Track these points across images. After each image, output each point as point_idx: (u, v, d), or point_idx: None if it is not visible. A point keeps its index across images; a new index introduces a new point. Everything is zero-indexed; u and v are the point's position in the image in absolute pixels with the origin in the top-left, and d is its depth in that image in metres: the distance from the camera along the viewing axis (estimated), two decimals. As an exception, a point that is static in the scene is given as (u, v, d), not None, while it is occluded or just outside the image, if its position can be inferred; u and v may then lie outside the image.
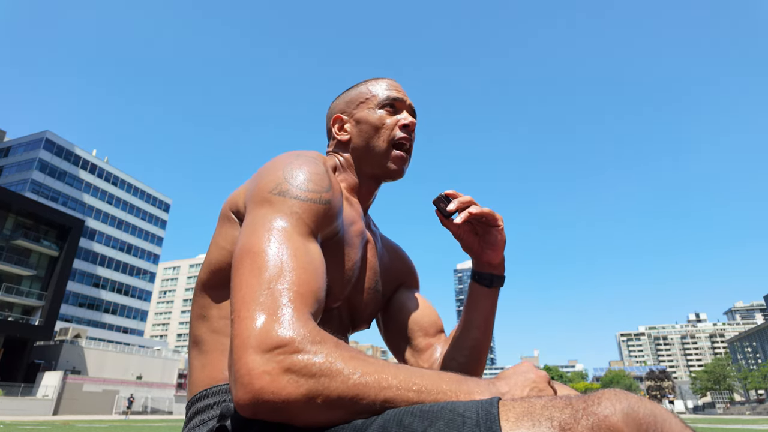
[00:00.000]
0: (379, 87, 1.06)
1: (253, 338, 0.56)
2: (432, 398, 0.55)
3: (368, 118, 1.03)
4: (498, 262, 0.98)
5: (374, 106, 1.04)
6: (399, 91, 1.07)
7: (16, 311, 36.81)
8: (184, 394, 38.08)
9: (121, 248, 60.86)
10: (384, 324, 1.12)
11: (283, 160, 0.82)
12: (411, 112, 1.08)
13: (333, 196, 0.81)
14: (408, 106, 1.07)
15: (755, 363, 79.66)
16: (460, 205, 0.91)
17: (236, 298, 0.62)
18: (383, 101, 1.04)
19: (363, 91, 1.06)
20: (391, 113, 1.04)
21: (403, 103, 1.06)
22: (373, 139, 1.02)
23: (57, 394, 31.05)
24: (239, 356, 0.55)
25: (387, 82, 1.08)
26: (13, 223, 36.44)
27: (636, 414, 0.44)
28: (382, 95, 1.05)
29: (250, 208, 0.76)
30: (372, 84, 1.07)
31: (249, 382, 0.53)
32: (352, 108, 1.06)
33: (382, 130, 1.02)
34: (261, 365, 0.54)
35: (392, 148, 1.02)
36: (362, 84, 1.09)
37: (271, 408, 0.53)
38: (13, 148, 53.72)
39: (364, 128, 1.03)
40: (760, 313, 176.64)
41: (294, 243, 0.68)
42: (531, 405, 0.49)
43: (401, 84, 1.12)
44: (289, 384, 0.53)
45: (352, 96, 1.08)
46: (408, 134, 1.03)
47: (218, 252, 0.84)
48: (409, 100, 1.08)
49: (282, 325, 0.57)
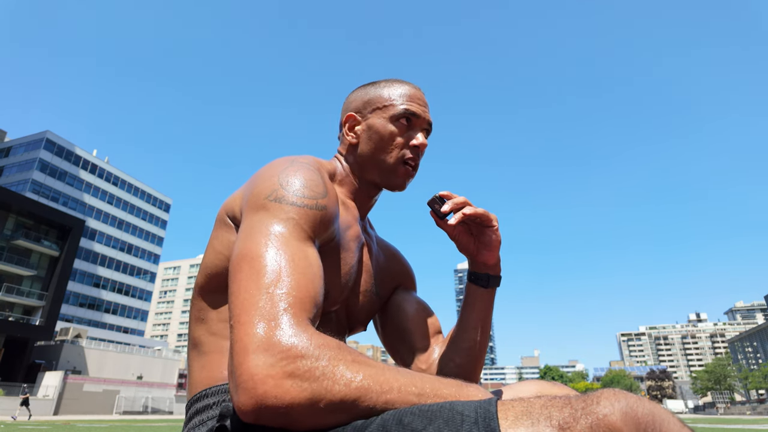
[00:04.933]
0: (399, 95, 1.01)
1: (255, 343, 0.56)
2: (432, 401, 0.56)
3: (380, 128, 0.99)
4: (494, 263, 0.99)
5: (389, 116, 0.99)
6: (420, 105, 1.02)
7: (16, 311, 36.85)
8: (185, 394, 37.89)
9: (122, 248, 60.91)
10: (381, 326, 1.12)
11: (278, 166, 0.82)
12: (427, 130, 1.04)
13: (329, 202, 0.81)
14: (425, 122, 1.02)
15: (756, 363, 79.70)
16: (454, 206, 0.91)
17: (235, 303, 0.62)
18: (399, 114, 0.99)
19: (383, 96, 1.02)
20: (405, 129, 1.00)
21: (420, 119, 1.01)
22: (380, 152, 0.99)
23: (57, 394, 31.06)
24: (241, 361, 0.55)
25: (410, 91, 1.02)
26: (14, 223, 36.47)
27: (635, 413, 0.44)
28: (399, 107, 1.00)
29: (247, 213, 0.76)
30: (394, 89, 1.02)
31: (252, 387, 0.53)
32: (367, 111, 1.02)
33: (391, 146, 0.99)
34: (264, 370, 0.53)
35: (398, 165, 1.00)
36: (385, 85, 1.03)
37: (274, 413, 0.53)
38: (14, 148, 53.76)
39: (374, 137, 1.00)
40: (761, 312, 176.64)
41: (291, 248, 0.69)
42: (530, 404, 0.49)
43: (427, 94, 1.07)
44: (293, 388, 0.53)
45: (371, 97, 1.03)
46: (416, 156, 1.01)
47: (215, 256, 0.85)
48: (429, 115, 1.04)
49: (284, 330, 0.57)
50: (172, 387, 41.77)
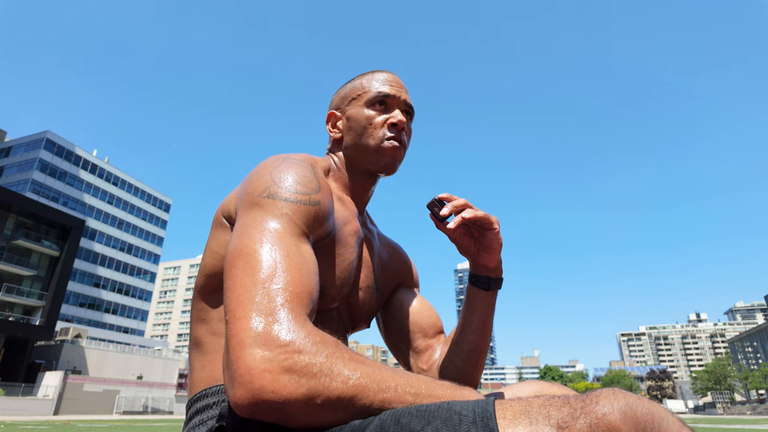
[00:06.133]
0: (373, 82, 1.03)
1: (252, 337, 0.55)
2: (428, 402, 0.56)
3: (357, 115, 1.01)
4: (495, 265, 0.97)
5: (365, 102, 1.01)
6: (393, 86, 1.03)
7: (16, 311, 36.81)
8: (185, 394, 37.96)
9: (122, 248, 60.86)
10: (384, 324, 1.12)
11: (270, 163, 0.83)
12: (405, 109, 1.04)
13: (322, 197, 0.82)
14: (401, 102, 1.03)
15: (756, 363, 79.70)
16: (453, 209, 0.90)
17: (230, 298, 0.62)
18: (374, 98, 1.01)
19: (357, 87, 1.04)
20: (382, 111, 1.01)
21: (395, 99, 1.02)
22: (362, 138, 1.00)
23: (57, 394, 31.03)
24: (237, 355, 0.55)
25: (383, 76, 1.04)
26: (14, 223, 36.42)
27: (634, 412, 0.44)
28: (373, 91, 1.01)
29: (241, 211, 0.76)
30: (367, 78, 1.04)
31: (249, 381, 0.53)
32: (345, 104, 1.05)
33: (370, 129, 1.00)
34: (261, 364, 0.53)
35: (382, 143, 1.00)
36: (358, 78, 1.06)
37: (270, 408, 0.53)
38: (14, 149, 53.72)
39: (354, 126, 1.01)
40: (761, 313, 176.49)
41: (286, 244, 0.69)
42: (528, 404, 0.49)
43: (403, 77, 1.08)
44: (290, 384, 0.52)
45: (347, 91, 1.06)
46: (397, 133, 1.00)
47: (212, 257, 0.85)
48: (405, 94, 1.04)
49: (281, 325, 0.57)
50: (172, 387, 41.74)
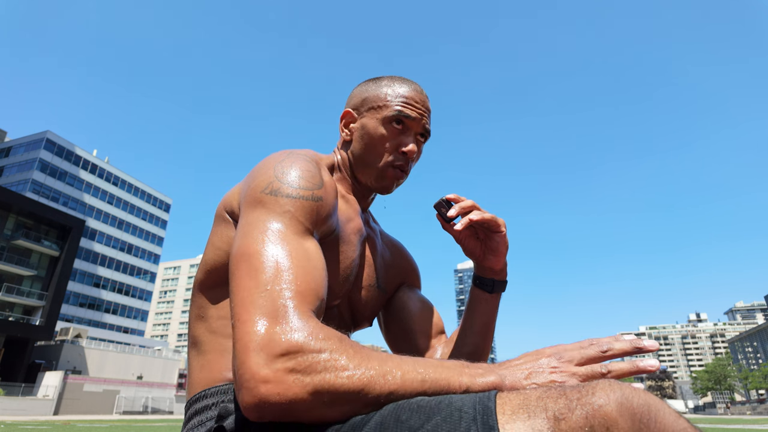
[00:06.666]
0: (396, 96, 0.97)
1: (255, 341, 0.56)
2: (436, 386, 0.56)
3: (371, 130, 0.97)
4: (500, 268, 0.97)
5: (382, 118, 0.96)
6: (415, 108, 0.97)
7: (16, 311, 36.81)
8: (185, 394, 37.71)
9: (122, 248, 60.84)
10: (385, 324, 1.12)
11: (274, 159, 0.82)
12: (422, 134, 1.01)
13: (325, 194, 0.80)
14: (420, 126, 0.99)
15: (756, 363, 79.76)
16: (461, 211, 0.90)
17: (235, 301, 0.62)
18: (392, 116, 0.96)
19: (380, 95, 0.98)
20: (397, 132, 0.97)
21: (415, 122, 0.97)
22: (369, 154, 0.98)
23: (57, 394, 31.02)
24: (242, 361, 0.55)
25: (408, 92, 0.98)
26: (14, 223, 36.41)
27: (630, 403, 0.44)
28: (394, 108, 0.96)
29: (244, 209, 0.75)
30: (393, 88, 0.98)
31: (254, 386, 0.53)
32: (363, 109, 1.00)
33: (380, 149, 0.97)
34: (264, 368, 0.54)
35: (387, 168, 0.98)
36: (385, 84, 1.00)
37: (278, 410, 0.53)
38: (14, 149, 53.70)
39: (365, 138, 0.98)
40: (761, 313, 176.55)
41: (290, 242, 0.68)
42: (527, 397, 0.49)
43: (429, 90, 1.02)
44: (295, 384, 0.53)
45: (369, 95, 1.00)
46: (404, 162, 0.98)
47: (214, 252, 0.85)
48: (426, 118, 1.00)
49: (283, 326, 0.57)
50: (172, 387, 41.75)
